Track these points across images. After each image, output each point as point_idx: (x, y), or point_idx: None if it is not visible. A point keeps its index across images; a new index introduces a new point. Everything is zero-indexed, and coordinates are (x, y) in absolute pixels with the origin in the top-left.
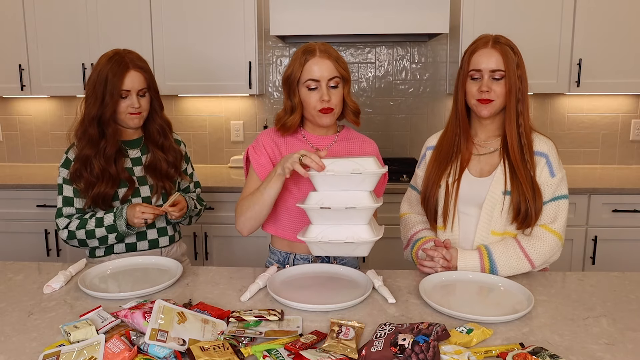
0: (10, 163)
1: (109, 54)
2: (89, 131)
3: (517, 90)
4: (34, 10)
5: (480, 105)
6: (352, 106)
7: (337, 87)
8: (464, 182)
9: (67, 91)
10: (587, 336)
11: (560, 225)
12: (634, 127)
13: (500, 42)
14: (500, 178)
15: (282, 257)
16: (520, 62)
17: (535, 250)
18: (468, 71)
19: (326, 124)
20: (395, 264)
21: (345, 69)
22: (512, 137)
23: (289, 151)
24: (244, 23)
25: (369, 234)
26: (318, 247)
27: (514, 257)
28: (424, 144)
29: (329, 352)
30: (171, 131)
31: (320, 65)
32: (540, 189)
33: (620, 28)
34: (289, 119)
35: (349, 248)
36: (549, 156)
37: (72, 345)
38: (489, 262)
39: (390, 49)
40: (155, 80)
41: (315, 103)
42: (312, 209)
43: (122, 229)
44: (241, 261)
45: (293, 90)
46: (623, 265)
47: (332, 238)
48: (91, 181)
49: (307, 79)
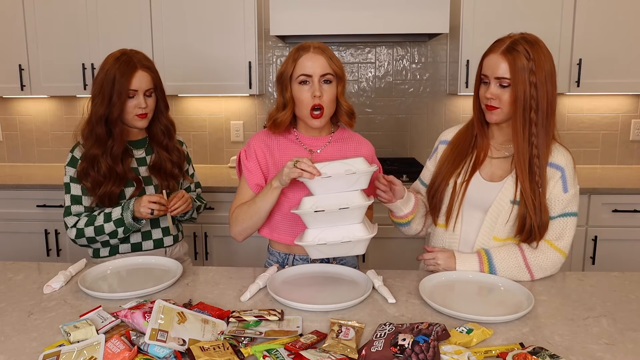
0: (10, 163)
1: (116, 54)
2: (96, 130)
3: (529, 99)
4: (34, 10)
5: (487, 111)
6: (345, 107)
7: (330, 83)
8: (473, 184)
9: (67, 91)
10: (587, 336)
11: (566, 243)
12: (634, 127)
13: (516, 48)
14: (510, 186)
15: (281, 257)
16: (536, 68)
17: (537, 263)
18: (480, 74)
19: (316, 126)
20: (395, 264)
21: (340, 67)
22: (518, 147)
23: (281, 153)
24: (244, 23)
25: (364, 232)
26: (316, 250)
27: (515, 266)
28: (438, 137)
29: (329, 352)
30: (175, 132)
31: (313, 61)
32: (547, 206)
33: (620, 28)
34: (280, 115)
35: (346, 247)
36: (565, 170)
37: (72, 345)
38: (488, 267)
39: (390, 49)
40: (161, 81)
41: (307, 99)
42: (307, 213)
43: (128, 220)
44: (241, 261)
45: (285, 86)
46: (623, 265)
47: (329, 239)
48: (98, 180)
49: (300, 74)
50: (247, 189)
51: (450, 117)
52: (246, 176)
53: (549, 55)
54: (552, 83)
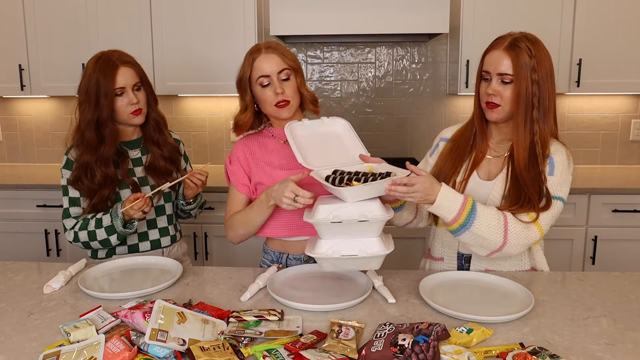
0: (10, 163)
1: (94, 57)
2: (87, 136)
3: (531, 96)
4: (34, 10)
5: (487, 109)
6: (308, 96)
7: (288, 79)
8: (471, 183)
9: (67, 91)
10: (587, 336)
11: (546, 221)
12: (634, 127)
13: (518, 45)
14: (500, 184)
15: (275, 256)
16: (538, 66)
17: (515, 232)
18: (481, 71)
19: (285, 117)
20: (395, 264)
21: (294, 60)
22: (519, 145)
23: (262, 151)
24: (244, 23)
25: (381, 247)
26: (329, 264)
27: (495, 226)
28: (438, 135)
29: (329, 352)
30: (166, 126)
31: (268, 61)
32: (552, 191)
33: (620, 28)
34: (241, 117)
35: (362, 262)
36: (554, 158)
37: (72, 345)
38: (467, 214)
39: (390, 49)
40: (147, 75)
41: (271, 98)
42: (322, 223)
43: (119, 229)
44: (241, 261)
45: (245, 90)
46: (623, 265)
47: (344, 253)
48: (92, 189)
49: (258, 76)
50: (235, 192)
51: (450, 117)
52: (232, 179)
53: (549, 55)
54: (552, 82)
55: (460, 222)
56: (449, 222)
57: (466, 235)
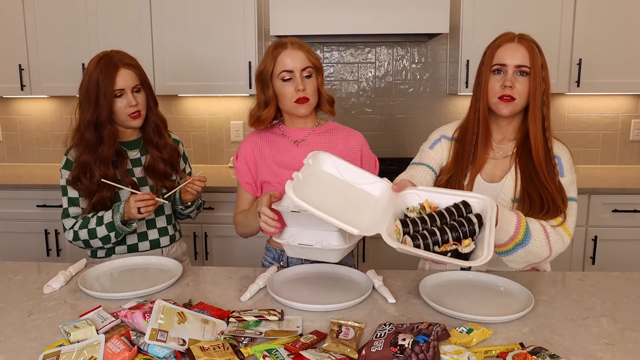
0: (10, 163)
1: (96, 57)
2: (86, 136)
3: (543, 91)
4: (34, 10)
5: (501, 103)
6: (326, 96)
7: (310, 77)
8: (476, 186)
9: (67, 91)
10: (587, 336)
11: (572, 226)
12: (634, 127)
13: (526, 38)
14: (510, 185)
15: (277, 254)
16: (544, 63)
17: (555, 241)
18: (491, 65)
19: (303, 114)
20: (395, 264)
21: (317, 60)
22: (536, 140)
23: (271, 149)
24: (244, 23)
25: (339, 241)
26: (291, 249)
27: (540, 239)
28: (437, 131)
29: (329, 352)
30: (166, 129)
31: (292, 57)
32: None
33: (620, 28)
34: (263, 112)
35: (319, 253)
36: (562, 159)
37: (72, 345)
38: (523, 233)
39: (390, 49)
40: (147, 77)
41: (291, 94)
42: (284, 211)
43: (117, 224)
44: (241, 261)
45: (267, 84)
46: (623, 265)
47: (303, 242)
48: (92, 188)
49: (281, 70)
50: (241, 190)
51: (450, 117)
52: (237, 176)
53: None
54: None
55: (517, 240)
56: (505, 243)
57: (518, 253)
